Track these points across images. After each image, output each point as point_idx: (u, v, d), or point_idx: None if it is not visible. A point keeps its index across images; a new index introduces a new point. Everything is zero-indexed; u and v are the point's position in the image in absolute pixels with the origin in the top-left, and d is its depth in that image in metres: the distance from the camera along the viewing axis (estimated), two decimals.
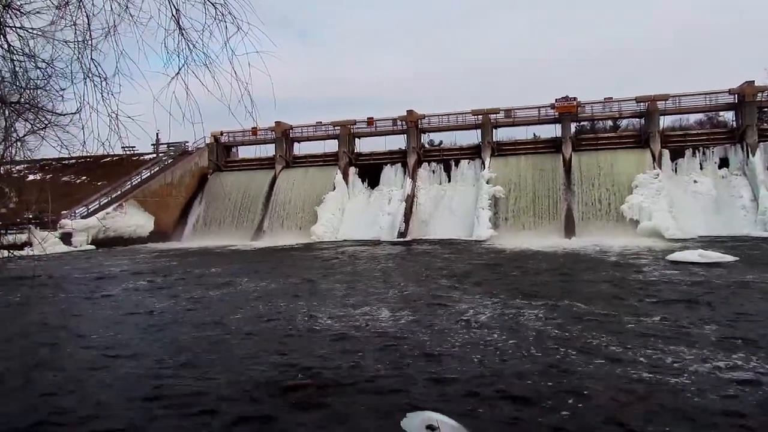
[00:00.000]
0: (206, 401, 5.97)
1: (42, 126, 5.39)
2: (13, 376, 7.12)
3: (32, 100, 4.98)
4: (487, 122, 38.05)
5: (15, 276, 17.18)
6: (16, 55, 4.52)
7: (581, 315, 10.05)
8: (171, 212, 40.83)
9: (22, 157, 5.18)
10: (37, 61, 4.65)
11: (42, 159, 41.25)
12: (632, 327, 9.03)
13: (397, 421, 5.15)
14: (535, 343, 8.06)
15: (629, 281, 14.45)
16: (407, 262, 21.37)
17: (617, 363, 6.99)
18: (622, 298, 11.74)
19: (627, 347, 7.72)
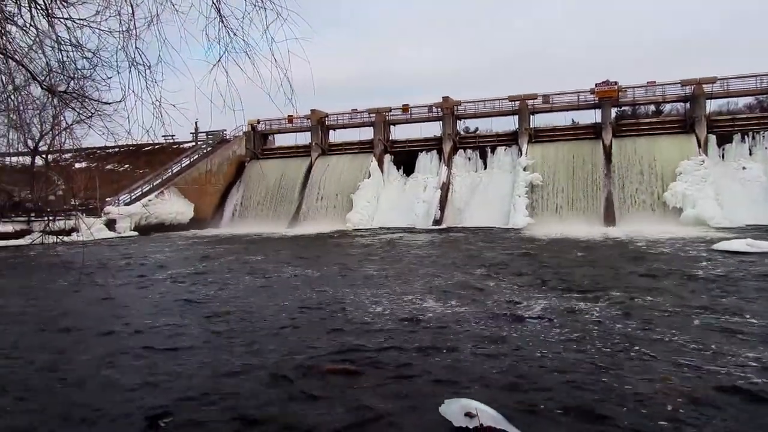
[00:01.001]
0: (250, 382, 6.09)
1: (88, 115, 5.54)
2: (69, 361, 7.39)
3: (79, 90, 5.11)
4: (524, 108, 37.38)
5: (65, 260, 17.87)
6: (63, 45, 4.66)
7: (629, 306, 9.69)
8: (210, 199, 41.67)
9: (72, 146, 5.33)
10: (84, 51, 4.78)
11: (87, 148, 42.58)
12: (688, 320, 8.61)
13: (435, 407, 5.14)
14: (582, 337, 7.78)
15: (676, 271, 13.93)
16: (444, 250, 21.24)
17: (678, 359, 6.65)
18: (669, 290, 11.20)
19: (687, 342, 7.33)
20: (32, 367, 6.97)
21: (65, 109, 4.89)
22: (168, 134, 17.17)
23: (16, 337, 8.70)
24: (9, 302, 12.08)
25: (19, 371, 6.80)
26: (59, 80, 5.15)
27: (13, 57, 4.72)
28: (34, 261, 21.26)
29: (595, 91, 35.77)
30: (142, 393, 5.89)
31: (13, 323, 9.82)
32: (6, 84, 4.53)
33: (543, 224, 31.12)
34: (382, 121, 41.24)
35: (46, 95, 5.79)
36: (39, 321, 10.01)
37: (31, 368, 6.91)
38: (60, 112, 4.90)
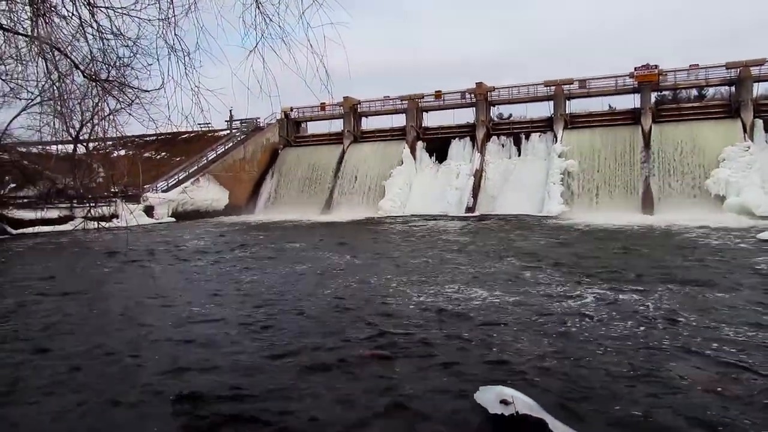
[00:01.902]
0: (286, 365, 6.19)
1: (128, 102, 5.65)
2: (118, 344, 7.62)
3: (120, 78, 5.20)
4: (559, 93, 36.58)
5: (108, 245, 18.41)
6: (104, 34, 4.74)
7: (681, 300, 9.21)
8: (244, 186, 42.28)
9: (114, 134, 5.43)
10: (124, 40, 4.86)
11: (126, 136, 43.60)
12: (746, 315, 8.13)
13: (470, 394, 5.12)
14: (629, 331, 7.40)
15: (726, 262, 13.35)
16: (478, 238, 21.04)
17: (736, 356, 6.33)
18: (722, 283, 10.53)
19: (744, 338, 6.98)
20: (78, 345, 7.21)
21: (106, 98, 4.97)
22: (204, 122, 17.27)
23: (64, 317, 9.01)
24: (57, 285, 12.51)
25: (66, 348, 7.04)
26: (100, 69, 5.25)
27: (56, 46, 4.82)
28: (78, 246, 21.96)
29: (634, 75, 34.72)
30: (181, 373, 6.03)
31: (61, 304, 10.16)
32: (50, 73, 4.64)
33: (578, 212, 30.56)
34: (415, 107, 40.97)
35: (87, 84, 5.93)
36: (85, 303, 10.35)
37: (77, 347, 7.15)
38: (102, 100, 4.98)
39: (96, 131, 7.11)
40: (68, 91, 5.62)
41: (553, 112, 36.81)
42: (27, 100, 25.89)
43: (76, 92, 6.25)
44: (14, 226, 28.33)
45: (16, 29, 5.02)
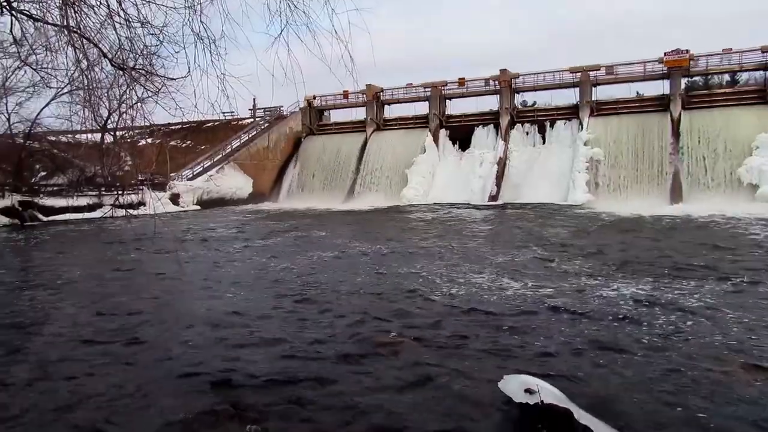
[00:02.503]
0: (314, 350, 6.25)
1: (155, 91, 5.70)
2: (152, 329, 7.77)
3: (147, 66, 5.25)
4: (586, 80, 35.89)
5: (136, 232, 18.70)
6: (131, 22, 4.78)
7: (715, 294, 8.83)
8: (267, 175, 42.60)
9: (143, 122, 5.49)
10: (150, 28, 4.90)
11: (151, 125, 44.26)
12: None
13: (494, 383, 5.09)
14: (669, 328, 7.00)
15: (760, 254, 12.85)
16: (503, 226, 20.88)
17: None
18: (759, 279, 9.94)
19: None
20: (112, 329, 7.38)
21: (134, 86, 5.02)
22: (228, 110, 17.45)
23: (94, 302, 9.22)
24: (86, 270, 12.81)
25: (100, 332, 7.21)
26: (127, 57, 5.30)
27: (85, 36, 4.88)
28: (107, 233, 22.42)
29: (663, 61, 33.83)
30: (215, 357, 6.14)
31: (92, 289, 10.40)
32: (80, 61, 4.70)
33: (604, 201, 30.07)
34: (438, 95, 40.65)
35: (114, 73, 6.00)
36: (117, 288, 10.57)
37: (111, 331, 7.31)
38: (131, 88, 5.03)
39: (124, 119, 7.19)
40: (96, 79, 5.70)
41: (579, 99, 36.16)
42: (57, 89, 26.52)
43: (103, 81, 6.34)
44: (45, 214, 29.01)
45: (46, 19, 5.09)
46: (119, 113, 14.43)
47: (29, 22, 5.10)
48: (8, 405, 5.00)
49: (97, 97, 6.87)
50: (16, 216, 27.08)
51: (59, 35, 5.35)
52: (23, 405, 4.99)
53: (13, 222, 26.56)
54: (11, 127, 30.13)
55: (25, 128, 30.96)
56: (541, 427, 4.40)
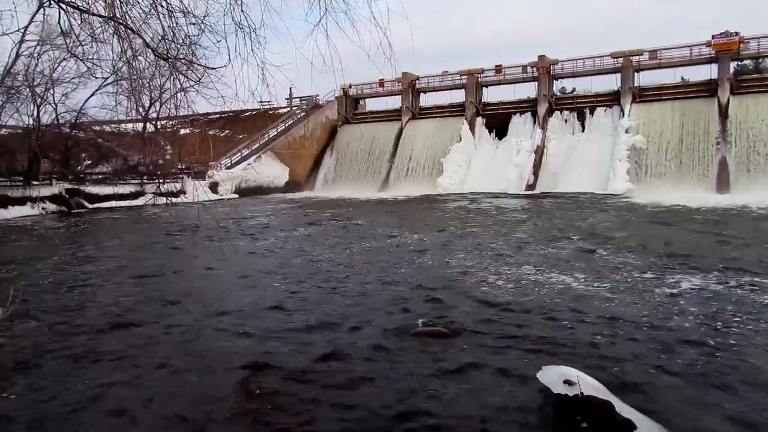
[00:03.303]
0: (350, 340, 6.32)
1: (196, 80, 5.78)
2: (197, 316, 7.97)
3: (189, 56, 5.32)
4: (628, 65, 34.85)
5: (177, 219, 19.19)
6: (174, 12, 4.85)
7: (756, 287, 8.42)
8: (304, 163, 43.00)
9: (187, 111, 5.58)
10: (192, 18, 4.96)
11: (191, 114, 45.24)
12: None
13: (532, 373, 5.04)
14: (722, 329, 6.60)
15: None
16: (541, 216, 20.49)
17: None
18: None
19: None
20: (153, 314, 7.61)
21: (176, 76, 5.10)
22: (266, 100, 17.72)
23: (138, 287, 9.51)
24: (131, 256, 13.22)
25: (142, 315, 7.44)
26: (169, 47, 5.39)
27: (128, 26, 4.98)
28: (150, 220, 23.05)
29: (711, 44, 32.54)
30: (251, 343, 6.27)
31: (136, 274, 10.73)
32: (125, 51, 4.80)
33: (646, 191, 29.23)
34: (474, 82, 40.15)
35: (156, 63, 6.11)
36: (160, 274, 10.88)
37: (152, 315, 7.54)
38: (176, 77, 5.12)
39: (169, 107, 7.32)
40: (140, 69, 5.82)
41: (621, 85, 35.18)
42: (102, 80, 27.32)
43: (146, 71, 6.47)
44: (90, 201, 30.01)
45: (92, 10, 5.22)
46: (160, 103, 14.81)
47: (75, 13, 5.24)
48: (50, 375, 5.23)
49: (140, 87, 7.02)
50: (64, 203, 28.10)
51: (104, 26, 5.47)
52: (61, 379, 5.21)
53: (61, 209, 27.58)
54: (58, 117, 31.17)
55: (71, 118, 31.99)
56: (581, 419, 4.33)
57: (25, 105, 27.59)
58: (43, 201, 27.17)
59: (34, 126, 29.21)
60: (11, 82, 24.36)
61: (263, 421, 4.46)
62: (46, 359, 5.91)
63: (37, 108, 28.74)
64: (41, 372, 5.56)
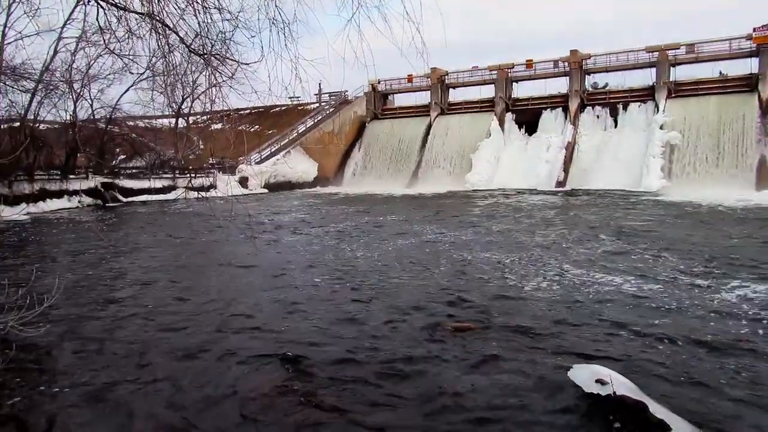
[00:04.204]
0: (381, 334, 6.36)
1: (229, 75, 5.85)
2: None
3: (223, 52, 5.39)
4: (663, 59, 33.96)
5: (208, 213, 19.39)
6: (209, 8, 4.91)
7: None
8: (332, 159, 43.21)
9: (221, 106, 5.65)
10: (226, 14, 5.02)
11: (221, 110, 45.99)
12: None
13: (563, 371, 4.98)
14: (756, 328, 6.36)
15: None
16: (573, 213, 20.12)
17: None
18: None
19: None
20: (190, 306, 7.76)
21: (212, 71, 5.17)
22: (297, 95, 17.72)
23: (173, 282, 9.72)
24: (166, 249, 13.50)
25: (178, 308, 7.60)
26: (204, 43, 5.46)
27: (164, 23, 5.07)
28: (182, 213, 23.45)
29: (752, 37, 31.44)
30: (288, 336, 6.37)
31: (171, 268, 10.96)
32: (162, 47, 4.89)
33: (681, 188, 28.47)
34: (504, 78, 39.68)
35: (189, 59, 6.20)
36: (195, 267, 11.10)
37: (188, 308, 7.69)
38: (212, 73, 5.19)
39: (203, 102, 7.43)
40: (174, 65, 5.92)
41: (656, 79, 34.31)
42: (137, 76, 27.91)
43: (179, 67, 6.57)
44: (124, 195, 30.73)
45: (129, 7, 5.32)
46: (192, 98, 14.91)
47: (112, 10, 5.35)
48: (92, 353, 5.38)
49: (173, 83, 7.15)
50: (99, 196, 28.86)
51: (140, 23, 5.58)
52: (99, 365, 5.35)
53: (96, 202, 28.33)
54: (94, 113, 31.98)
55: (106, 114, 32.77)
56: (613, 419, 4.27)
57: (63, 101, 28.36)
58: (79, 194, 27.96)
59: (71, 121, 30.02)
60: (49, 79, 25.06)
61: (298, 413, 4.51)
62: (87, 341, 6.17)
63: (74, 104, 29.54)
64: (85, 352, 5.79)
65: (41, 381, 5.16)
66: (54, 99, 27.24)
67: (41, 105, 26.46)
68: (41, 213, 23.57)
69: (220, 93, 5.20)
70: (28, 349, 5.71)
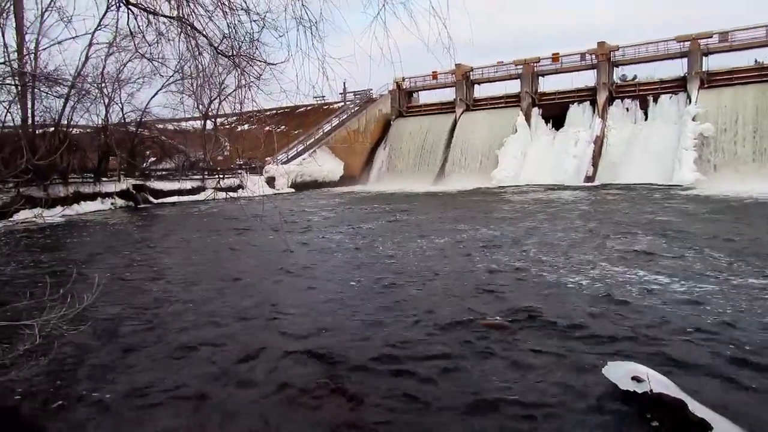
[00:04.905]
0: (413, 332, 6.37)
1: (257, 76, 5.91)
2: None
3: (250, 53, 5.44)
4: (695, 49, 33.13)
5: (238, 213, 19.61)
6: (236, 10, 4.96)
7: None
8: (358, 157, 43.35)
9: (252, 106, 5.71)
10: (253, 15, 5.06)
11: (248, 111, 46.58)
12: None
13: (597, 369, 4.90)
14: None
15: None
16: (603, 209, 19.75)
17: None
18: None
19: None
20: (222, 303, 7.88)
21: (241, 72, 5.22)
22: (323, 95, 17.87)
23: (208, 281, 9.87)
24: (197, 249, 13.73)
25: (211, 304, 7.73)
26: (232, 45, 5.52)
27: (193, 25, 5.14)
28: (211, 213, 23.79)
29: None
30: (316, 333, 6.42)
31: (204, 266, 11.14)
32: (192, 50, 4.95)
33: (716, 182, 27.72)
34: (530, 72, 39.23)
35: (214, 61, 6.27)
36: (229, 266, 11.26)
37: (220, 304, 7.81)
38: (239, 74, 5.24)
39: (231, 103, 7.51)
40: (202, 67, 6.00)
41: (687, 70, 33.51)
42: (166, 78, 28.41)
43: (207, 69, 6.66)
44: (155, 196, 31.30)
45: (158, 11, 5.41)
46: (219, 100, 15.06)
47: (142, 15, 5.45)
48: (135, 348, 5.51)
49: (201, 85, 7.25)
50: (131, 198, 29.45)
51: (169, 26, 5.66)
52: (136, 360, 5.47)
53: (128, 204, 28.91)
54: (124, 117, 32.63)
55: (136, 117, 33.41)
56: (651, 417, 4.18)
57: (95, 105, 28.98)
58: (112, 196, 28.56)
59: (103, 125, 30.68)
60: (82, 84, 25.65)
61: (335, 409, 4.54)
62: (126, 338, 6.36)
63: (106, 108, 30.18)
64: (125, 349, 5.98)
65: (82, 378, 5.29)
66: (86, 103, 27.85)
67: (74, 110, 27.07)
68: (76, 215, 24.14)
69: (249, 93, 5.23)
70: (70, 347, 5.87)
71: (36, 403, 4.73)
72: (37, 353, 4.32)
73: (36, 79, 21.03)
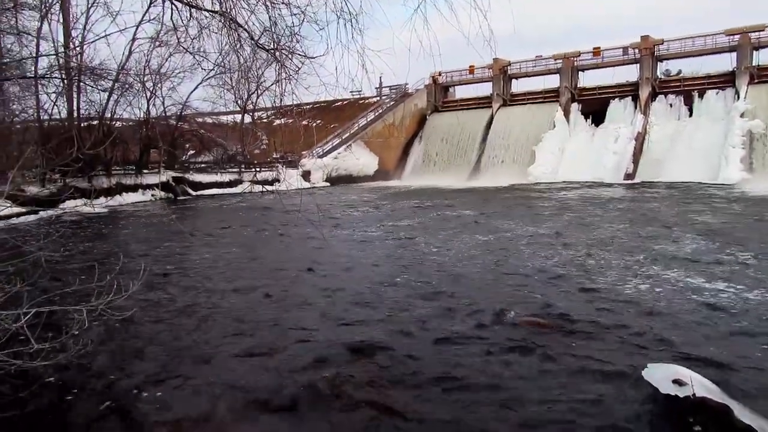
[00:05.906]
0: (449, 328, 6.34)
1: (296, 69, 5.96)
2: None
3: (290, 46, 5.49)
4: (745, 43, 31.87)
5: (275, 206, 19.90)
6: (276, 4, 5.01)
7: None
8: (393, 152, 43.32)
9: (292, 100, 5.76)
10: (294, 8, 5.11)
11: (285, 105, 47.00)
12: None
13: (637, 371, 4.77)
14: None
15: None
16: (644, 208, 19.10)
17: None
18: None
19: None
20: (260, 296, 8.01)
21: (282, 66, 5.27)
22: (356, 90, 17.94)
23: (251, 273, 10.04)
24: (237, 241, 13.98)
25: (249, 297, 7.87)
26: (272, 38, 5.58)
27: (235, 20, 5.22)
28: (249, 206, 24.14)
29: None
30: (351, 327, 6.46)
31: (245, 258, 11.33)
32: (234, 44, 5.03)
33: (764, 180, 26.60)
34: (570, 66, 38.44)
35: (256, 55, 6.34)
36: (269, 259, 11.43)
37: (259, 298, 7.94)
38: (281, 67, 5.29)
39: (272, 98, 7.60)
40: (243, 61, 6.08)
41: (736, 65, 32.27)
42: (206, 72, 28.96)
43: (247, 63, 6.74)
44: (194, 188, 32.00)
45: (200, 5, 5.52)
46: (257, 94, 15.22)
47: (185, 9, 5.56)
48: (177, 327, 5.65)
49: (240, 78, 7.36)
50: (171, 190, 30.19)
51: (210, 21, 5.76)
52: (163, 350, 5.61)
53: (168, 195, 29.66)
54: (165, 110, 33.39)
55: (177, 111, 34.15)
56: (693, 422, 4.05)
57: (137, 99, 29.75)
58: (152, 188, 29.33)
59: (145, 118, 31.48)
60: (125, 78, 26.36)
61: (368, 403, 4.55)
62: (170, 326, 6.55)
63: (147, 101, 30.95)
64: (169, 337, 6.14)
65: (128, 362, 5.46)
66: (129, 97, 28.63)
67: (117, 103, 27.87)
68: (118, 206, 24.89)
69: (289, 86, 5.28)
70: (117, 331, 6.07)
71: (82, 386, 4.89)
72: (84, 338, 4.47)
73: (82, 73, 21.72)
